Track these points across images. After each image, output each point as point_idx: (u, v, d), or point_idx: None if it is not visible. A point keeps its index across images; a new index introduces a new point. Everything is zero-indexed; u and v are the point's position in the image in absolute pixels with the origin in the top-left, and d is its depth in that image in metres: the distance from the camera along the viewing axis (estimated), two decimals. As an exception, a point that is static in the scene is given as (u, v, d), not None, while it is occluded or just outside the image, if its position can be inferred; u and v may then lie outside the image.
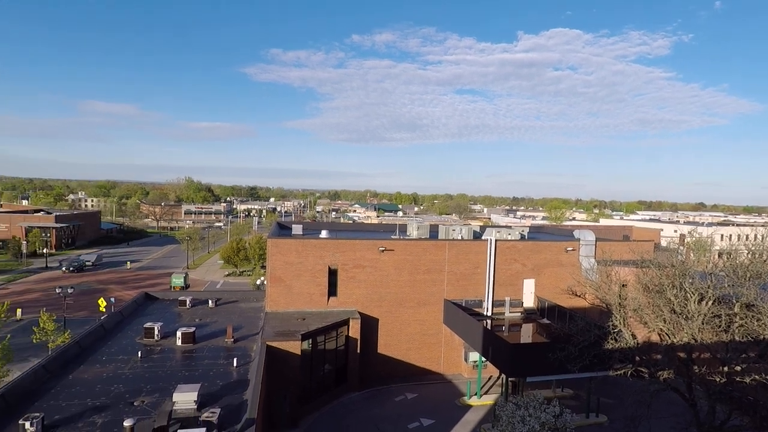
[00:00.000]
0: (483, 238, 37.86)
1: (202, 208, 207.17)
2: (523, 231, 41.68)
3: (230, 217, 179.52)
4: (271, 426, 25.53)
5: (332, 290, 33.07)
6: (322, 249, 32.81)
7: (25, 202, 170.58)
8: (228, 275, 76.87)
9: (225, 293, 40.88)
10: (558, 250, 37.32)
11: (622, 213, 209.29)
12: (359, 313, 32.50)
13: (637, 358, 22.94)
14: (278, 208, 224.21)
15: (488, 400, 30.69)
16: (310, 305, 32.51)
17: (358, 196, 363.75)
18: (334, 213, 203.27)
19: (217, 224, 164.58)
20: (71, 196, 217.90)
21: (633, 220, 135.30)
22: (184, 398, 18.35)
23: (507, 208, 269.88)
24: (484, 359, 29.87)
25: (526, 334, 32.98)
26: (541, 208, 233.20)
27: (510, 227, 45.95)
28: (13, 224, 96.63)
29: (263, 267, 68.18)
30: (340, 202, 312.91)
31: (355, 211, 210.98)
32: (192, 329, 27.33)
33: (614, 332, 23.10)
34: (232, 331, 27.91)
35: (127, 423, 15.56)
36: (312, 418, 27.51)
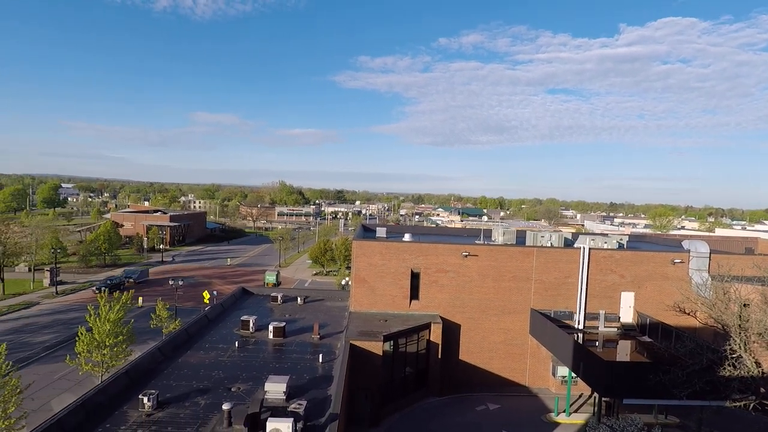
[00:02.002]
0: (575, 245, 35.51)
1: (293, 210, 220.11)
2: (621, 239, 38.36)
3: (318, 219, 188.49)
4: (353, 423, 26.21)
5: (414, 293, 33.17)
6: (405, 252, 33.08)
7: (146, 204, 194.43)
8: (315, 274, 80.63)
9: (312, 291, 42.94)
10: (663, 261, 33.78)
11: (744, 222, 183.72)
12: (441, 317, 32.21)
13: (763, 390, 19.94)
14: (363, 211, 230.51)
15: (578, 419, 28.64)
16: (392, 307, 32.91)
17: (441, 199, 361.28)
18: (417, 216, 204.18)
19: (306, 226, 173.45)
20: (183, 198, 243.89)
21: (759, 230, 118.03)
22: (275, 388, 19.54)
23: (603, 214, 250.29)
24: (574, 375, 27.93)
25: (624, 351, 30.26)
26: (643, 215, 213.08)
27: (606, 235, 42.55)
28: (137, 223, 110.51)
29: (348, 268, 70.49)
30: (423, 205, 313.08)
31: (438, 215, 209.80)
32: (282, 324, 29.07)
33: (732, 357, 20.32)
34: (319, 328, 29.19)
35: (225, 407, 16.93)
36: (393, 419, 27.77)
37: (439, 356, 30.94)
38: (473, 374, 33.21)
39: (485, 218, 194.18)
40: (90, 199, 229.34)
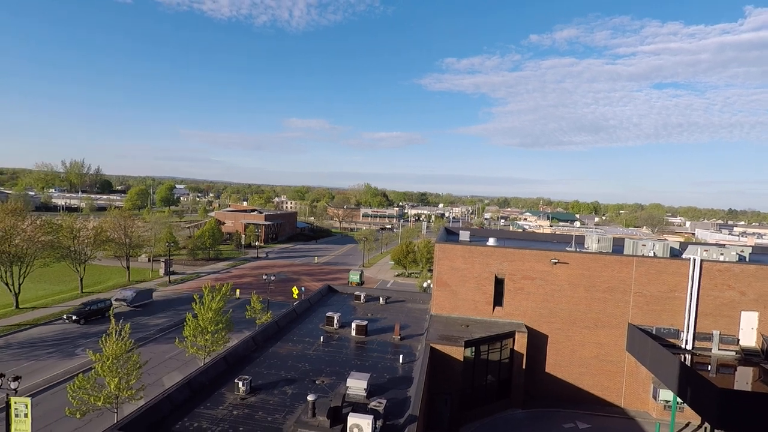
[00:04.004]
0: (684, 256, 31.91)
1: (377, 211, 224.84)
2: (742, 251, 33.69)
3: (401, 220, 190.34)
4: (431, 426, 26.02)
5: (498, 300, 32.10)
6: (489, 257, 32.17)
7: (244, 203, 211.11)
8: (397, 276, 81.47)
9: (394, 292, 43.41)
10: (797, 278, 29.02)
11: None
12: (526, 326, 30.79)
13: None
14: (446, 214, 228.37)
15: (685, 450, 25.64)
16: (474, 312, 32.17)
17: (529, 203, 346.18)
18: (502, 220, 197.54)
19: (389, 227, 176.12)
20: (276, 199, 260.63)
21: None
22: (356, 385, 20.07)
23: (719, 222, 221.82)
24: (680, 400, 25.08)
25: (744, 379, 26.48)
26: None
27: (723, 245, 37.63)
28: (236, 221, 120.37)
29: (430, 270, 70.26)
30: (509, 209, 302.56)
31: (525, 219, 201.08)
32: (365, 323, 29.78)
33: None
34: (399, 329, 29.44)
35: (310, 398, 17.76)
36: (473, 426, 27.10)
37: (524, 367, 29.59)
38: (561, 389, 31.27)
39: (577, 224, 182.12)
40: (198, 199, 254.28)
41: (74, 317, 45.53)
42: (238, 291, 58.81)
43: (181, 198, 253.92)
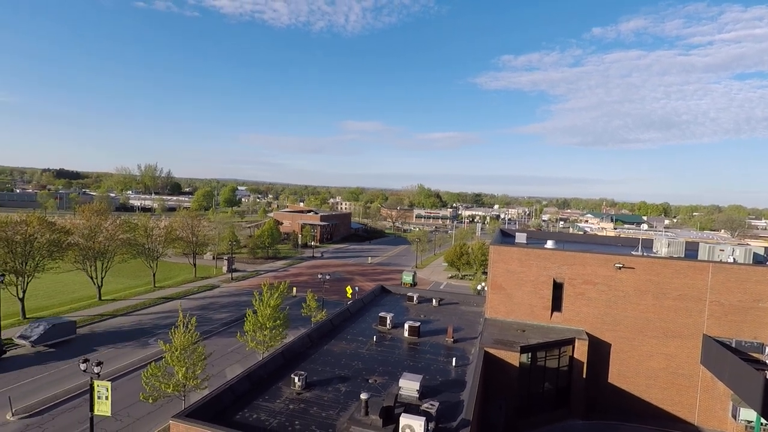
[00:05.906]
0: (769, 263, 28.98)
1: (430, 212, 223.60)
2: (841, 258, 30.08)
3: (455, 222, 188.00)
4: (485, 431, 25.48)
5: (556, 305, 30.84)
6: (546, 260, 31.00)
7: (301, 204, 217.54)
8: (450, 277, 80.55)
9: (447, 294, 42.96)
10: None
11: None
12: (587, 334, 29.33)
13: None
14: (502, 216, 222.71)
15: (770, 477, 23.26)
16: (530, 317, 31.12)
17: (591, 205, 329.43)
18: (561, 222, 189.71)
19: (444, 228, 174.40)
20: (331, 200, 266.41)
21: None
22: (409, 386, 20.07)
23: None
24: (764, 421, 22.81)
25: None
26: None
27: (817, 252, 33.76)
28: (294, 221, 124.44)
29: (484, 273, 68.83)
30: (569, 210, 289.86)
31: (586, 221, 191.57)
32: (417, 324, 29.71)
33: None
34: (452, 332, 29.10)
35: (363, 396, 17.99)
36: (528, 436, 26.20)
37: (584, 376, 28.21)
38: (626, 401, 29.47)
39: (645, 226, 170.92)
40: (258, 200, 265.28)
41: None
42: (294, 289, 60.73)
43: (243, 199, 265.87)
